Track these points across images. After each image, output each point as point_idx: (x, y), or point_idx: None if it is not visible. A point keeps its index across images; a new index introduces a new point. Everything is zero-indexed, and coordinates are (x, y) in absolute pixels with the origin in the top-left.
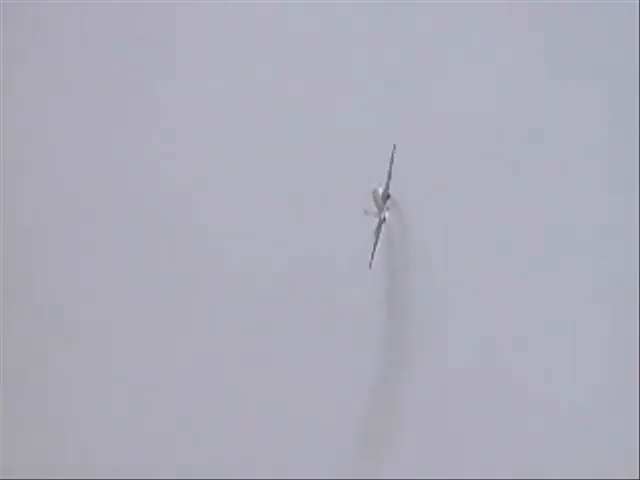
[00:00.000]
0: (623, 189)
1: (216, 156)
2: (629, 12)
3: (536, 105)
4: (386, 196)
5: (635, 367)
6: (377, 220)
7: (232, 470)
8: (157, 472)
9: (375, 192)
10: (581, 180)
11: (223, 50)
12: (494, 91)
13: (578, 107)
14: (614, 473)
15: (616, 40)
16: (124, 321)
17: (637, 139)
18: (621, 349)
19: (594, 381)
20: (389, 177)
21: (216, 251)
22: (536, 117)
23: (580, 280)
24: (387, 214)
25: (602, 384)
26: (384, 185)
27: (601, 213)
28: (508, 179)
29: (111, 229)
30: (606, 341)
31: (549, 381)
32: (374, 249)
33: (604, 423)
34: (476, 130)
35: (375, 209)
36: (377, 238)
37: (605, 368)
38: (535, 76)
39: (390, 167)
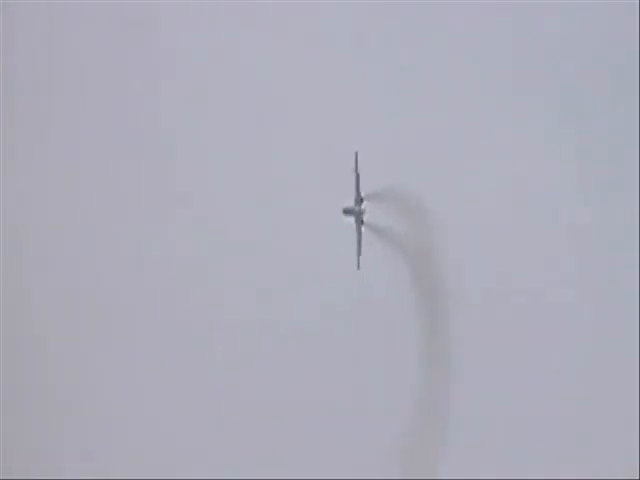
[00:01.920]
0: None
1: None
2: (629, 12)
3: None
4: (360, 199)
5: (635, 367)
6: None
7: None
8: None
9: (345, 209)
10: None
11: None
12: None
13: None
14: (614, 473)
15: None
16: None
17: (637, 139)
18: (621, 349)
19: (594, 382)
20: (357, 181)
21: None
22: None
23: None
24: (364, 215)
25: (602, 385)
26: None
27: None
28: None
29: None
30: (606, 341)
31: (549, 380)
32: (359, 251)
33: (604, 424)
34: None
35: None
36: (359, 239)
37: (605, 368)
38: None
39: (356, 171)
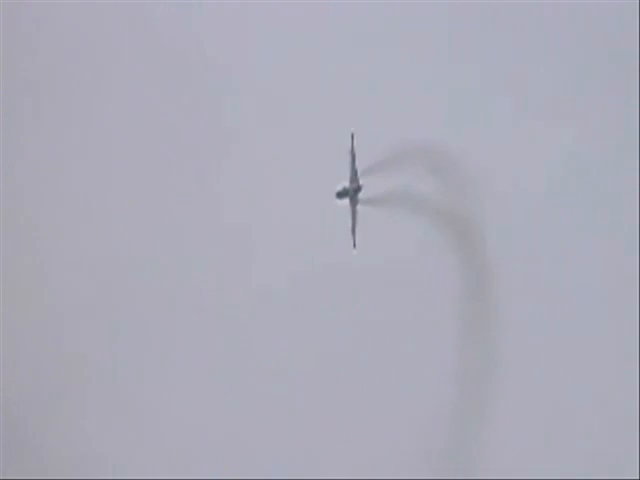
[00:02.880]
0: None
1: None
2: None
3: None
4: (355, 179)
5: (635, 368)
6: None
7: None
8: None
9: (339, 191)
10: None
11: None
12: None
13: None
14: (614, 473)
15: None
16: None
17: (637, 138)
18: (621, 354)
19: (594, 382)
20: (353, 161)
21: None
22: None
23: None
24: (359, 194)
25: (602, 385)
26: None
27: None
28: None
29: None
30: (607, 343)
31: (551, 379)
32: (354, 230)
33: (604, 423)
34: None
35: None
36: (354, 219)
37: (605, 369)
38: None
39: (352, 152)
